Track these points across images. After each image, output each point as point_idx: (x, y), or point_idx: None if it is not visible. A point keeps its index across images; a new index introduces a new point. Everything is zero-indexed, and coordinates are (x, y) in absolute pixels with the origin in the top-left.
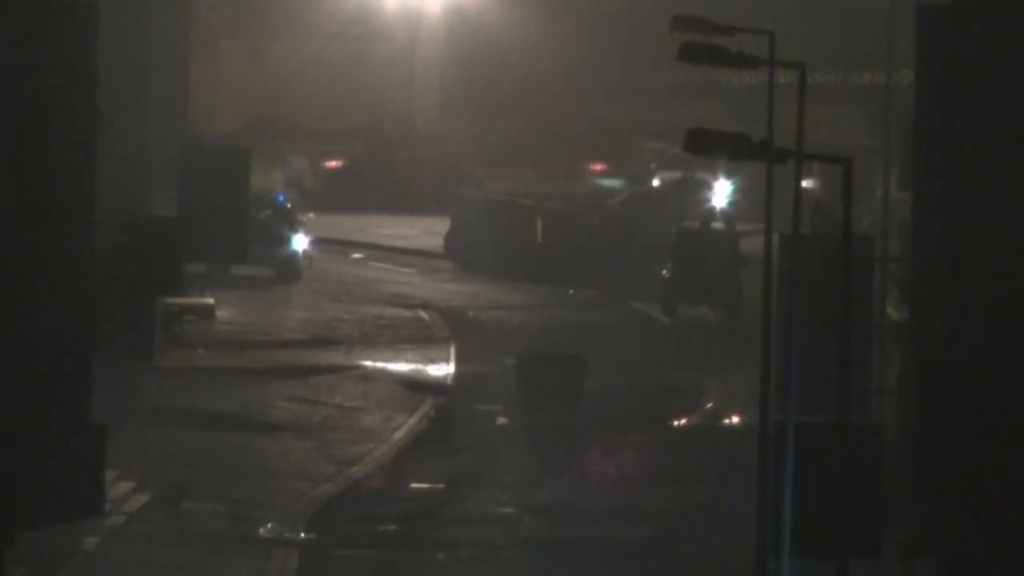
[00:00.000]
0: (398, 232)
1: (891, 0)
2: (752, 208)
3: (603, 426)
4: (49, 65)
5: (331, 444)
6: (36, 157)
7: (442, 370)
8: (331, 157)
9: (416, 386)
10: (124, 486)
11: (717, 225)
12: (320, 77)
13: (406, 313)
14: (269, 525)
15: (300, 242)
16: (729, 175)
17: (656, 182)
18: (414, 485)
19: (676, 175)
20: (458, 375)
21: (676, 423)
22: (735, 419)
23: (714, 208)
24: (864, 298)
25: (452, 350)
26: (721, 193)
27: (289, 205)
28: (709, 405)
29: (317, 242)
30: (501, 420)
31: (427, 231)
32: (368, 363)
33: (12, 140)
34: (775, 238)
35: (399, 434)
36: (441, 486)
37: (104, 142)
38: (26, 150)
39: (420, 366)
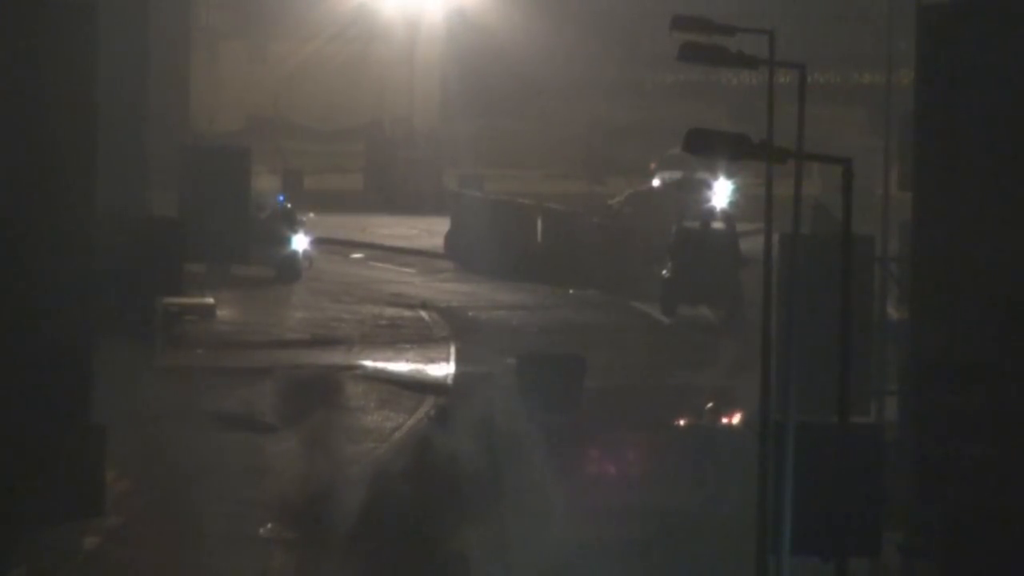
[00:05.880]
0: (398, 232)
1: (891, 0)
2: (752, 208)
3: (603, 426)
4: (49, 65)
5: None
6: (36, 157)
7: (442, 370)
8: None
9: (416, 386)
10: (124, 486)
11: (717, 225)
12: (320, 77)
13: (406, 313)
14: (269, 525)
15: (300, 242)
16: (729, 175)
17: (656, 182)
18: None
19: (676, 175)
20: (458, 375)
21: (676, 423)
22: (735, 419)
23: (714, 208)
24: (864, 298)
25: (452, 350)
26: (721, 193)
27: (289, 205)
28: (709, 405)
29: (317, 242)
30: None
31: (427, 231)
32: (368, 363)
33: (12, 140)
34: (775, 238)
35: (399, 434)
36: None
37: (104, 142)
38: (26, 150)
39: (420, 366)
